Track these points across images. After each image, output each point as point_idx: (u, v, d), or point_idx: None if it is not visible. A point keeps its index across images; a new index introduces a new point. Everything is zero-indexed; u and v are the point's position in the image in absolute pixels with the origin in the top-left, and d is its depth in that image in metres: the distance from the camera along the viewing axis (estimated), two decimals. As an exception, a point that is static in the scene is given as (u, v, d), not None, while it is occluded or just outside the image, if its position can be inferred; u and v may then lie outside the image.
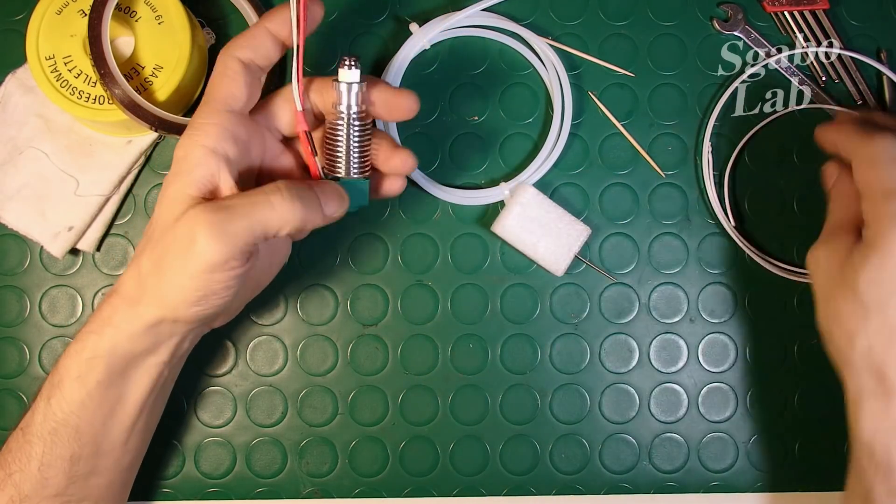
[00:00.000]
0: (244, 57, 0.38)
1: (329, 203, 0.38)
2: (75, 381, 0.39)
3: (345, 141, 0.39)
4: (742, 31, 0.51)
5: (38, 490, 0.39)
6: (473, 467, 0.51)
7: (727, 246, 0.51)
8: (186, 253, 0.35)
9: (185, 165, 0.37)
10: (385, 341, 0.51)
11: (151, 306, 0.37)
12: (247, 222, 0.35)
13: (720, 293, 0.51)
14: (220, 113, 0.37)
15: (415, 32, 0.49)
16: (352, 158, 0.40)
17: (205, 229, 0.34)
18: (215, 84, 0.38)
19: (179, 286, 0.36)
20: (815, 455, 0.51)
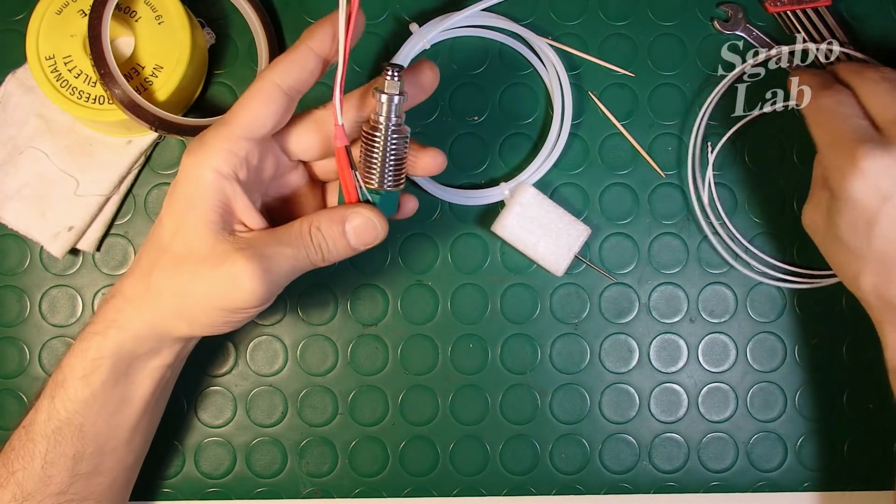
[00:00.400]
0: (284, 83, 0.36)
1: (362, 236, 0.38)
2: (80, 380, 0.39)
3: (381, 152, 0.38)
4: (743, 30, 0.51)
5: (40, 488, 0.39)
6: (473, 467, 0.51)
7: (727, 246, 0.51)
8: (228, 294, 0.36)
9: (199, 188, 0.36)
10: (385, 341, 0.51)
11: (159, 320, 0.38)
12: (290, 269, 0.37)
13: (720, 293, 0.51)
14: (238, 140, 0.36)
15: (415, 32, 0.49)
16: (387, 170, 0.38)
17: (251, 279, 0.36)
18: (244, 106, 0.36)
19: (207, 315, 0.38)
20: (817, 455, 0.51)
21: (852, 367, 0.51)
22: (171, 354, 0.41)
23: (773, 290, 0.51)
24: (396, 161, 0.38)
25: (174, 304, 0.38)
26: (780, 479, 0.51)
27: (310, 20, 0.51)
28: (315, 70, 0.36)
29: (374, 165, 0.38)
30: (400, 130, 0.38)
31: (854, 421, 0.51)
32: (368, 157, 0.38)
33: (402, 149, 0.38)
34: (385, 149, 0.38)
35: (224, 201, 0.37)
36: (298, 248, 0.37)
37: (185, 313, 0.38)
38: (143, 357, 0.40)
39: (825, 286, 0.51)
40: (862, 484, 0.51)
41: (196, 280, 0.37)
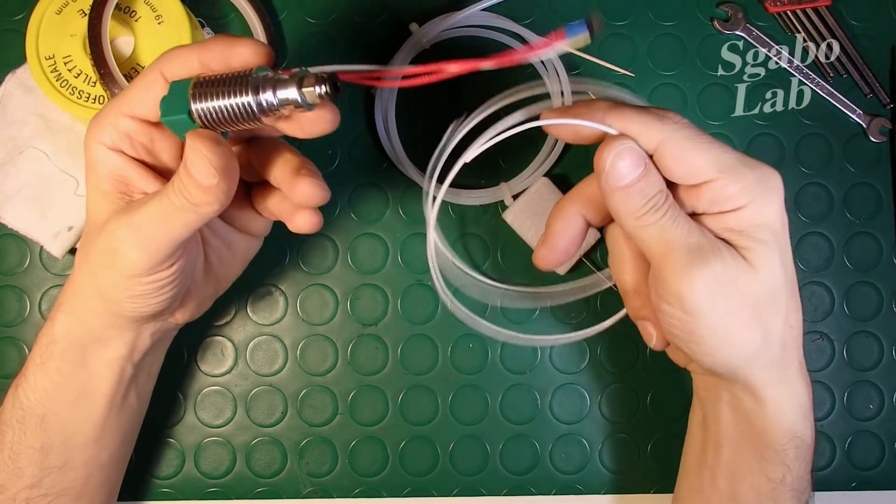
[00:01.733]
0: (167, 73, 0.34)
1: (193, 164, 0.33)
2: (37, 367, 0.39)
3: (230, 107, 0.32)
4: (743, 29, 0.51)
5: (13, 480, 0.39)
6: (473, 467, 0.51)
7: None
8: (112, 262, 0.35)
9: (91, 161, 0.36)
10: (385, 341, 0.51)
11: (92, 297, 0.38)
12: (160, 221, 0.34)
13: (720, 293, 0.51)
14: (120, 116, 0.35)
15: (415, 32, 0.49)
16: (213, 111, 0.33)
17: (125, 241, 0.34)
18: (130, 87, 0.35)
19: (111, 286, 0.36)
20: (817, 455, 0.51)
21: (853, 366, 0.51)
22: (123, 344, 0.39)
23: (773, 290, 0.51)
24: (227, 117, 0.33)
25: (90, 281, 0.37)
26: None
27: (310, 20, 0.51)
28: (196, 73, 0.34)
29: (213, 99, 0.33)
30: (267, 114, 0.33)
31: (854, 421, 0.51)
32: (219, 90, 0.33)
33: (243, 119, 0.33)
34: (233, 108, 0.32)
35: (115, 172, 0.36)
36: (162, 199, 0.34)
37: (99, 290, 0.37)
38: (94, 344, 0.39)
39: (824, 284, 0.51)
40: (862, 484, 0.51)
41: (93, 251, 0.36)
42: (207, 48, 0.34)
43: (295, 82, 0.32)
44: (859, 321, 0.51)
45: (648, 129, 0.33)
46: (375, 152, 0.50)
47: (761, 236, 0.34)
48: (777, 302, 0.35)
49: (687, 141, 0.33)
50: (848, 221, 0.51)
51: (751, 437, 0.38)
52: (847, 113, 0.51)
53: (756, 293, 0.34)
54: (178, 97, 0.34)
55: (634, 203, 0.34)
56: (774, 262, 0.34)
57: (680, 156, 0.33)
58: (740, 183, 0.33)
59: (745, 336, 0.35)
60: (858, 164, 0.51)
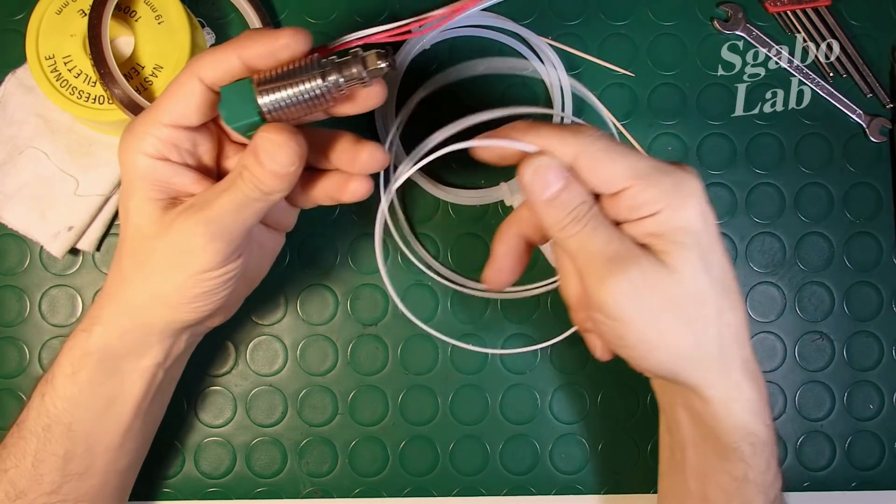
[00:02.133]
0: (207, 78, 0.35)
1: (272, 155, 0.34)
2: (67, 377, 0.39)
3: (301, 92, 0.34)
4: (743, 29, 0.51)
5: (32, 487, 0.39)
6: (473, 467, 0.51)
7: (727, 246, 0.51)
8: (183, 260, 0.35)
9: (137, 172, 0.36)
10: (385, 341, 0.51)
11: (144, 308, 0.38)
12: (234, 213, 0.35)
13: (720, 293, 0.51)
14: (163, 127, 0.35)
15: (415, 32, 0.49)
16: (284, 99, 0.34)
17: (200, 236, 0.35)
18: (168, 97, 0.35)
19: (177, 288, 0.36)
20: (817, 455, 0.51)
21: (853, 366, 0.51)
22: (161, 352, 0.40)
23: (773, 290, 0.51)
24: (296, 103, 0.34)
25: (147, 290, 0.37)
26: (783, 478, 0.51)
27: (310, 20, 0.51)
28: (238, 74, 0.35)
29: (282, 90, 0.34)
30: (332, 96, 0.34)
31: (854, 421, 0.51)
32: (284, 82, 0.34)
33: (311, 104, 0.34)
34: (303, 94, 0.34)
35: (163, 180, 0.36)
36: (234, 191, 0.35)
37: (158, 296, 0.37)
38: (131, 355, 0.39)
39: (824, 284, 0.51)
40: (862, 484, 0.51)
41: (154, 257, 0.36)
42: (247, 46, 0.34)
43: (359, 61, 0.34)
44: (859, 321, 0.51)
45: (564, 144, 0.34)
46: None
47: (679, 239, 0.34)
48: (704, 303, 0.35)
49: (601, 152, 0.34)
50: (848, 221, 0.51)
51: (707, 438, 0.38)
52: (847, 113, 0.51)
53: (678, 295, 0.35)
54: (236, 100, 0.34)
55: (556, 215, 0.35)
56: (694, 264, 0.34)
57: (595, 167, 0.34)
58: (654, 189, 0.33)
59: (673, 339, 0.35)
60: (858, 164, 0.51)
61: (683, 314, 0.35)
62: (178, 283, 0.36)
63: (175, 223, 0.35)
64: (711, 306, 0.35)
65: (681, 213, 0.34)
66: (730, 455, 0.38)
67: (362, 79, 0.34)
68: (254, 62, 0.34)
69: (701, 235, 0.34)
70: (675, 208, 0.34)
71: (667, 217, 0.34)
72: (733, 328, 0.36)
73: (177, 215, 0.35)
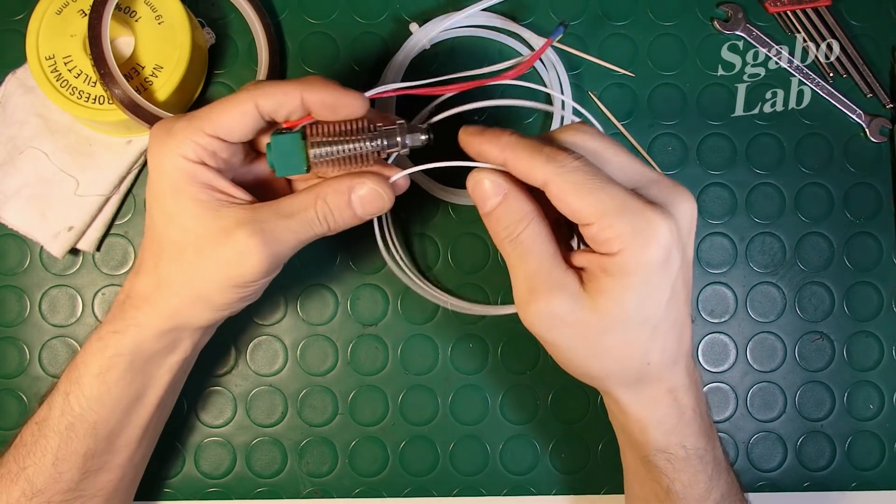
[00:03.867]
0: (263, 106, 0.36)
1: (368, 205, 0.38)
2: (95, 377, 0.39)
3: (347, 152, 0.37)
4: (743, 29, 0.51)
5: (51, 484, 0.39)
6: (473, 467, 0.51)
7: (727, 246, 0.51)
8: (235, 268, 0.37)
9: (179, 174, 0.36)
10: (385, 341, 0.51)
11: (177, 309, 0.38)
12: (294, 240, 0.37)
13: (720, 293, 0.51)
14: (206, 137, 0.36)
15: (415, 32, 0.49)
16: (332, 157, 0.37)
17: (255, 253, 0.36)
18: (221, 111, 0.36)
19: (221, 293, 0.38)
20: (817, 455, 0.51)
21: (853, 366, 0.51)
22: (190, 346, 0.41)
23: (773, 290, 0.51)
24: (340, 160, 0.38)
25: (188, 291, 0.38)
26: (780, 478, 0.51)
27: (310, 20, 0.51)
28: (294, 111, 0.37)
29: (333, 146, 0.37)
30: (374, 155, 0.38)
31: (854, 421, 0.51)
32: (336, 139, 0.37)
33: (352, 162, 0.38)
34: (351, 152, 0.37)
35: (206, 182, 0.37)
36: (302, 222, 0.37)
37: (200, 297, 0.38)
38: (163, 352, 0.40)
39: (824, 284, 0.51)
40: (862, 484, 0.51)
41: (202, 260, 0.37)
42: (315, 90, 0.36)
43: (404, 132, 0.38)
44: (859, 321, 0.51)
45: (533, 170, 0.34)
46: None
47: (624, 281, 0.34)
48: (628, 342, 0.36)
49: (569, 185, 0.34)
50: (848, 221, 0.51)
51: (631, 445, 0.40)
52: (847, 113, 0.51)
53: (596, 331, 0.35)
54: (287, 151, 0.37)
55: (494, 228, 0.37)
56: (625, 305, 0.34)
57: (561, 198, 0.34)
58: (614, 231, 0.33)
59: (587, 365, 0.37)
60: (858, 164, 0.51)
61: (600, 348, 0.36)
62: (223, 289, 0.38)
63: (234, 235, 0.36)
64: (635, 345, 0.36)
65: (636, 258, 0.34)
66: (650, 466, 0.39)
67: (404, 147, 0.37)
68: (313, 107, 0.36)
69: (652, 277, 0.34)
70: (632, 251, 0.33)
71: (621, 259, 0.34)
72: (656, 366, 0.37)
73: (236, 225, 0.36)
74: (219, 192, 0.37)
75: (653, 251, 0.33)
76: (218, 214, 0.37)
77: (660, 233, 0.33)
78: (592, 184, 0.34)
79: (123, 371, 0.39)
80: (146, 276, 0.39)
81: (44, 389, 0.50)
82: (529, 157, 0.34)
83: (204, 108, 0.37)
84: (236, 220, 0.36)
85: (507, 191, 0.36)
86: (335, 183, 0.38)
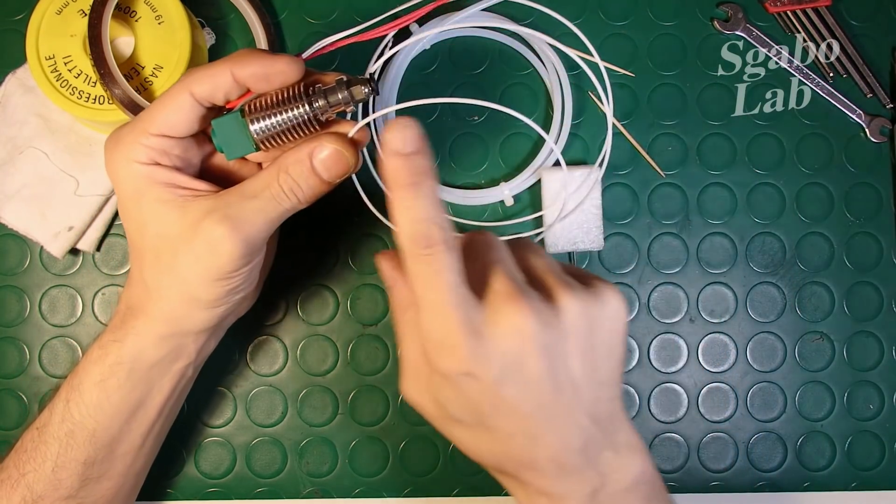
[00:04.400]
0: (197, 93, 0.35)
1: (332, 168, 0.36)
2: (95, 385, 0.39)
3: (286, 119, 0.36)
4: (743, 29, 0.51)
5: (50, 491, 0.39)
6: (473, 467, 0.51)
7: (727, 246, 0.51)
8: (210, 261, 0.36)
9: (137, 181, 0.36)
10: (385, 341, 0.51)
11: (171, 314, 0.38)
12: (263, 220, 0.36)
13: (720, 293, 0.51)
14: (152, 137, 0.36)
15: (415, 32, 0.49)
16: (272, 127, 0.36)
17: (225, 240, 0.35)
18: (159, 108, 0.36)
19: (206, 289, 0.37)
20: (817, 455, 0.51)
21: (853, 366, 0.51)
22: (194, 351, 0.40)
23: (773, 290, 0.51)
24: (286, 130, 0.36)
25: (175, 294, 0.37)
26: (780, 479, 0.51)
27: (310, 20, 0.51)
28: (230, 91, 0.36)
29: (271, 118, 0.36)
30: (319, 122, 0.36)
31: (854, 421, 0.51)
32: (273, 110, 0.36)
33: (300, 130, 0.36)
34: (292, 120, 0.36)
35: (165, 181, 0.36)
36: (268, 199, 0.36)
37: (188, 297, 0.38)
38: (166, 359, 0.39)
39: (824, 284, 0.51)
40: (862, 484, 0.51)
41: (180, 260, 0.36)
42: (243, 64, 0.35)
43: (344, 88, 0.35)
44: (859, 321, 0.51)
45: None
46: (375, 153, 0.50)
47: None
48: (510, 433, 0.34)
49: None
50: (848, 221, 0.51)
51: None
52: (847, 113, 0.51)
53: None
54: (230, 133, 0.36)
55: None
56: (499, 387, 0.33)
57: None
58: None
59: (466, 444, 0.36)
60: (858, 164, 0.51)
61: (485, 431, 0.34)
62: (206, 284, 0.37)
63: (201, 226, 0.35)
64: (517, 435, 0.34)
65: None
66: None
67: (347, 104, 0.35)
68: (247, 82, 0.35)
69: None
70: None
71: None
72: (552, 449, 0.34)
73: (202, 216, 0.36)
74: (181, 189, 0.36)
75: (442, 362, 0.32)
76: (185, 211, 0.36)
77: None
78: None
79: (124, 379, 0.39)
80: (136, 287, 0.39)
81: (44, 389, 0.50)
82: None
83: (146, 108, 0.37)
84: (203, 212, 0.36)
85: (395, 279, 0.36)
86: (294, 152, 0.36)
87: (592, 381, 0.34)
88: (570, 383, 0.33)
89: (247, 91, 0.36)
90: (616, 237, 0.51)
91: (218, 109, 0.37)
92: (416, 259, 0.32)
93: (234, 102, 0.36)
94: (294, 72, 0.35)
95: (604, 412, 0.34)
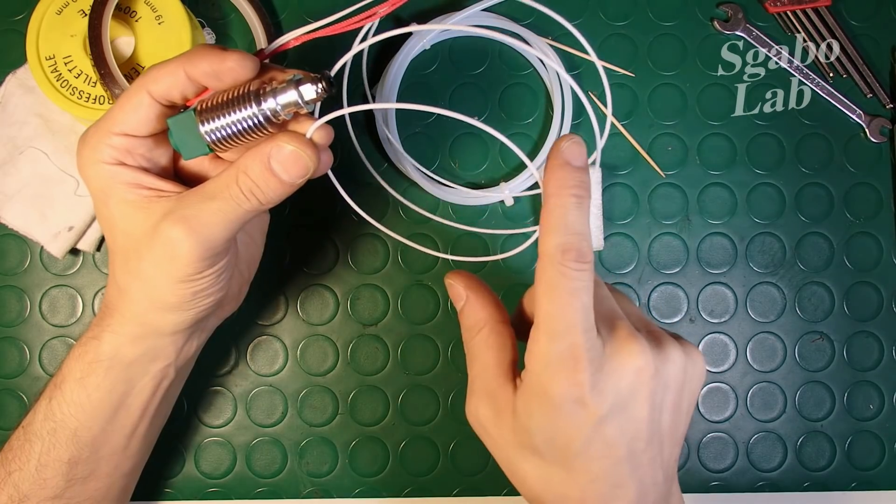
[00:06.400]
0: (154, 92, 0.35)
1: (291, 169, 0.35)
2: (76, 382, 0.39)
3: (238, 119, 0.34)
4: (743, 30, 0.51)
5: (36, 490, 0.39)
6: (473, 467, 0.51)
7: (727, 246, 0.51)
8: (170, 265, 0.35)
9: (102, 182, 0.36)
10: (385, 341, 0.51)
11: (141, 316, 0.38)
12: (222, 221, 0.35)
13: (720, 293, 0.51)
14: (115, 137, 0.36)
15: (415, 32, 0.49)
16: (224, 128, 0.34)
17: (182, 242, 0.34)
18: (119, 108, 0.35)
19: (171, 291, 0.36)
20: (817, 455, 0.51)
21: (853, 366, 0.51)
22: (173, 352, 0.40)
23: (773, 290, 0.51)
24: (237, 132, 0.34)
25: (142, 296, 0.37)
26: (780, 479, 0.51)
27: (310, 20, 0.51)
28: (186, 89, 0.35)
29: (221, 118, 0.34)
30: (272, 122, 0.34)
31: (854, 421, 0.51)
32: (223, 111, 0.34)
33: (252, 131, 0.34)
34: (242, 122, 0.34)
35: (130, 181, 0.36)
36: (227, 200, 0.35)
37: (154, 299, 0.37)
38: (144, 358, 0.39)
39: (824, 284, 0.51)
40: (862, 484, 0.51)
41: (143, 262, 0.36)
42: (194, 62, 0.34)
43: (293, 86, 0.33)
44: (859, 321, 0.51)
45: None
46: (375, 153, 0.50)
47: (529, 401, 0.33)
48: (541, 466, 0.34)
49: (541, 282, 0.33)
50: (848, 221, 0.51)
51: None
52: (847, 113, 0.51)
53: (514, 448, 0.34)
54: (185, 132, 0.35)
55: (461, 323, 0.37)
56: (532, 427, 0.33)
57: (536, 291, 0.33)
58: (535, 346, 0.33)
59: (513, 480, 0.36)
60: (858, 164, 0.51)
61: (516, 468, 0.34)
62: (170, 286, 0.36)
63: (160, 228, 0.35)
64: (548, 479, 0.33)
65: (537, 380, 0.32)
66: None
67: (300, 104, 0.33)
68: (199, 79, 0.34)
69: (558, 411, 0.32)
70: (534, 373, 0.32)
71: (525, 378, 0.33)
72: (627, 501, 0.33)
73: (161, 218, 0.35)
74: (146, 189, 0.36)
75: (555, 383, 0.31)
76: (148, 211, 0.35)
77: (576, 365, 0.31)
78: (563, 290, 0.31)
79: (102, 377, 0.39)
80: (111, 286, 0.38)
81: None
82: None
83: (109, 108, 0.36)
84: (162, 213, 0.35)
85: (466, 298, 0.36)
86: (254, 153, 0.35)
87: (674, 437, 0.34)
88: (659, 435, 0.33)
89: (204, 89, 0.35)
90: (616, 237, 0.51)
91: (183, 107, 0.36)
92: (559, 271, 0.31)
93: (192, 100, 0.35)
94: (245, 69, 0.33)
95: (671, 471, 0.34)
